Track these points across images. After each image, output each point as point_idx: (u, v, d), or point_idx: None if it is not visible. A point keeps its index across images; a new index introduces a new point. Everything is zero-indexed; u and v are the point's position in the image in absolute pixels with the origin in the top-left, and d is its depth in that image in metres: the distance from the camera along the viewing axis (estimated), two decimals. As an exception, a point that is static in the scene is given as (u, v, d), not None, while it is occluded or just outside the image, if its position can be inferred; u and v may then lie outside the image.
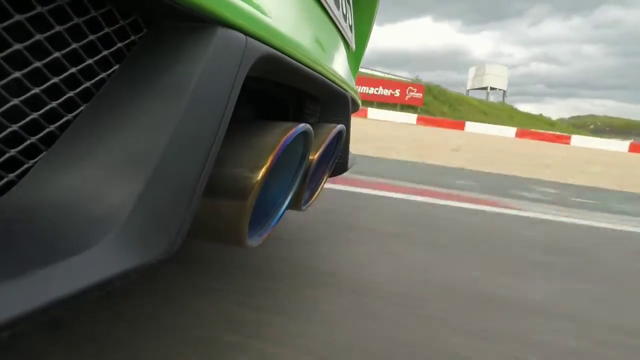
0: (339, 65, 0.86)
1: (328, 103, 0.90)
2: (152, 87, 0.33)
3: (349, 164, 1.06)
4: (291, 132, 0.48)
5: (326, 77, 0.70)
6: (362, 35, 1.27)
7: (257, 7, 0.42)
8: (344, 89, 0.86)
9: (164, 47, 0.34)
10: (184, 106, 0.31)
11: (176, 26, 0.35)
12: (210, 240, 0.49)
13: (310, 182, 0.73)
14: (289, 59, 0.50)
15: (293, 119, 0.88)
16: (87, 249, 0.26)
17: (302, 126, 0.51)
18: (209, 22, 0.34)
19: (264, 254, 1.20)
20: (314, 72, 0.62)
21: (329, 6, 0.75)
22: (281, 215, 0.60)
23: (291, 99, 0.87)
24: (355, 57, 1.24)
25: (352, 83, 1.07)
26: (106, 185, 0.29)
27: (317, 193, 0.81)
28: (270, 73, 0.54)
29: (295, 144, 0.54)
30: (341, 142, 0.81)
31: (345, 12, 0.93)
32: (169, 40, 0.35)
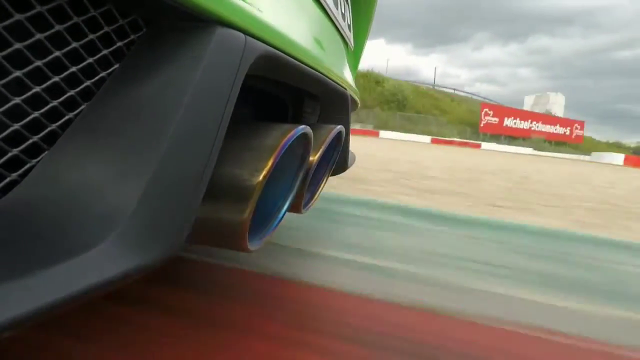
0: (338, 64, 0.86)
1: (327, 102, 0.90)
2: (151, 86, 0.33)
3: (349, 164, 1.06)
4: (291, 133, 0.48)
5: (325, 76, 0.70)
6: (361, 34, 1.27)
7: (256, 6, 0.42)
8: (344, 88, 0.86)
9: (163, 47, 0.34)
10: (184, 107, 0.31)
11: (175, 25, 0.35)
12: (210, 243, 0.49)
13: (311, 183, 0.73)
14: (288, 57, 0.50)
15: (293, 118, 0.88)
16: (89, 249, 0.26)
17: (302, 128, 0.51)
18: (208, 21, 0.34)
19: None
20: (313, 71, 0.62)
21: (327, 5, 0.75)
22: (281, 218, 0.60)
23: (290, 98, 0.87)
24: (354, 57, 1.24)
25: (352, 82, 1.07)
26: (107, 185, 0.29)
27: (317, 195, 0.81)
28: (269, 72, 0.54)
29: (295, 146, 0.54)
30: (341, 142, 0.81)
31: (343, 11, 0.93)
32: (168, 39, 0.34)
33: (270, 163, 0.44)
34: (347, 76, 0.97)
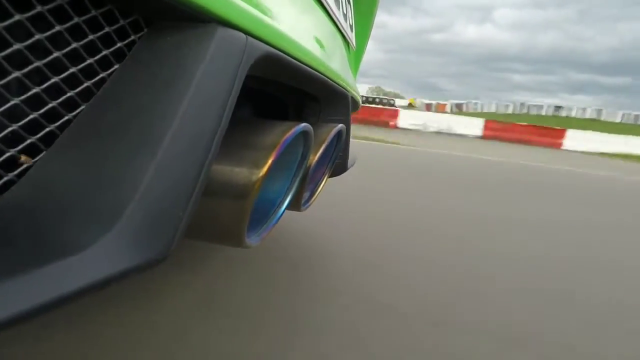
0: (339, 65, 0.85)
1: (328, 103, 0.90)
2: (152, 86, 0.33)
3: (348, 164, 1.06)
4: (291, 131, 0.48)
5: (326, 77, 0.70)
6: (363, 34, 1.27)
7: (258, 7, 0.41)
8: (345, 89, 0.86)
9: (164, 47, 0.34)
10: (184, 106, 0.31)
11: (176, 26, 0.34)
12: (209, 240, 0.49)
13: (310, 182, 0.73)
14: (289, 58, 0.50)
15: (293, 118, 0.88)
16: (85, 248, 0.26)
17: (303, 126, 0.51)
18: (209, 21, 0.34)
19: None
20: (314, 72, 0.62)
21: (329, 6, 0.75)
22: (280, 215, 0.60)
23: (291, 98, 0.87)
24: (355, 57, 1.24)
25: (353, 83, 1.06)
26: (105, 184, 0.29)
27: (317, 193, 0.81)
28: (270, 72, 0.54)
29: (295, 144, 0.54)
30: (341, 142, 0.81)
31: (345, 12, 0.92)
32: (169, 39, 0.34)
33: (270, 160, 0.44)
34: (349, 77, 0.97)
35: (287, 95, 0.85)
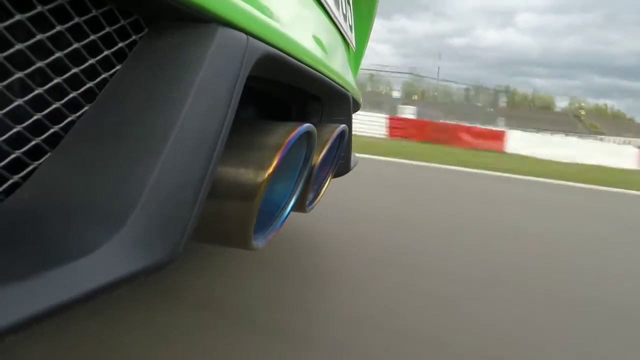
0: (339, 65, 0.85)
1: (329, 103, 0.90)
2: (154, 87, 0.32)
3: (351, 165, 1.05)
4: (295, 132, 0.48)
5: (327, 77, 0.70)
6: (362, 35, 1.27)
7: (258, 7, 0.41)
8: (345, 89, 0.86)
9: (165, 47, 0.34)
10: (187, 107, 0.31)
11: (177, 26, 0.34)
12: (215, 242, 0.49)
13: (314, 183, 0.73)
14: (290, 58, 0.50)
15: (295, 119, 0.88)
16: (91, 251, 0.26)
17: (306, 126, 0.51)
18: (210, 21, 0.34)
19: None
20: (315, 72, 0.62)
21: (329, 6, 0.75)
22: (286, 217, 0.60)
23: (293, 99, 0.87)
24: (355, 57, 1.24)
25: (353, 83, 1.06)
26: (111, 186, 0.29)
27: (321, 194, 0.80)
28: (271, 73, 0.54)
29: (299, 144, 0.53)
30: (344, 142, 0.81)
31: (345, 12, 0.92)
32: (170, 40, 0.34)
33: (275, 161, 0.44)
34: (349, 77, 0.97)
35: (289, 96, 0.85)
